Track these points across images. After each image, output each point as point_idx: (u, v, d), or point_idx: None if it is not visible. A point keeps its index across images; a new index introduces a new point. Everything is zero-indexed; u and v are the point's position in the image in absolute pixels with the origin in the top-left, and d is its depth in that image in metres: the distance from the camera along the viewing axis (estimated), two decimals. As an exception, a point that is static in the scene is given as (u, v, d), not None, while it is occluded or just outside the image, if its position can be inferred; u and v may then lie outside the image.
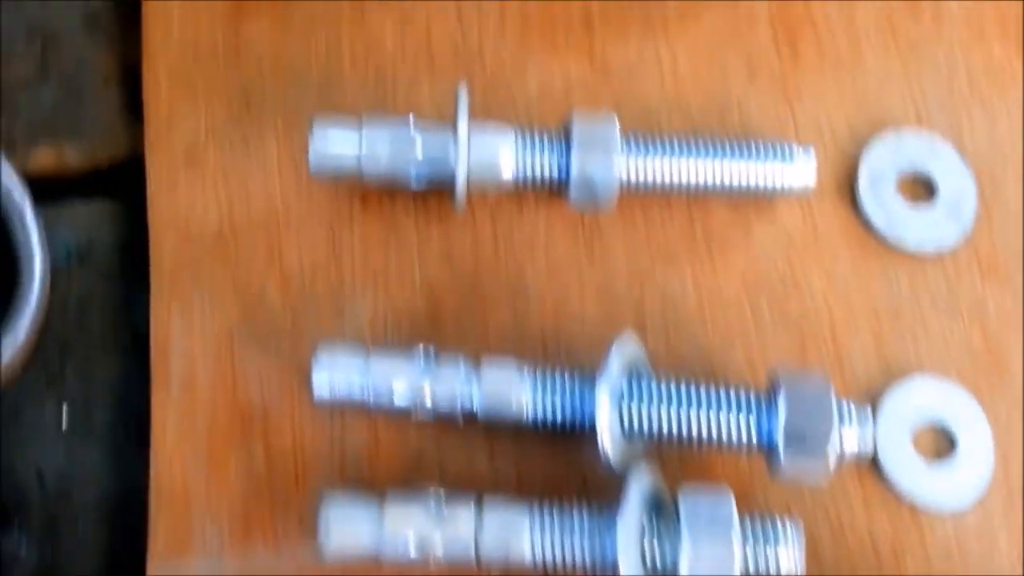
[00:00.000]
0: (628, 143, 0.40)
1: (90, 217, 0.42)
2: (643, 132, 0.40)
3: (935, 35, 0.45)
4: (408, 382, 0.36)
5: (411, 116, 0.39)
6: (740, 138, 0.42)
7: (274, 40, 0.44)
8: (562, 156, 0.39)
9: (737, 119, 0.44)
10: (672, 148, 0.40)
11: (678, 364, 0.40)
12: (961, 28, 0.45)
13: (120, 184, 0.43)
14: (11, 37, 0.44)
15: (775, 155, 0.40)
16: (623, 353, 0.36)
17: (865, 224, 0.42)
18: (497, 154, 0.39)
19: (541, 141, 0.39)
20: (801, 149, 0.41)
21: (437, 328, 0.40)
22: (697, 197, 0.42)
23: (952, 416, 0.39)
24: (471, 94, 0.40)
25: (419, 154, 0.38)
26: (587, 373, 0.37)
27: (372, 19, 0.44)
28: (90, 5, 0.45)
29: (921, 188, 0.43)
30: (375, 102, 0.43)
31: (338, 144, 0.38)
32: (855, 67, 0.44)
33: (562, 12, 0.45)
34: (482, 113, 0.42)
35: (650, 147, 0.40)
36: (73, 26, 0.45)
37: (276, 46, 0.44)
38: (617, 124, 0.39)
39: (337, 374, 0.37)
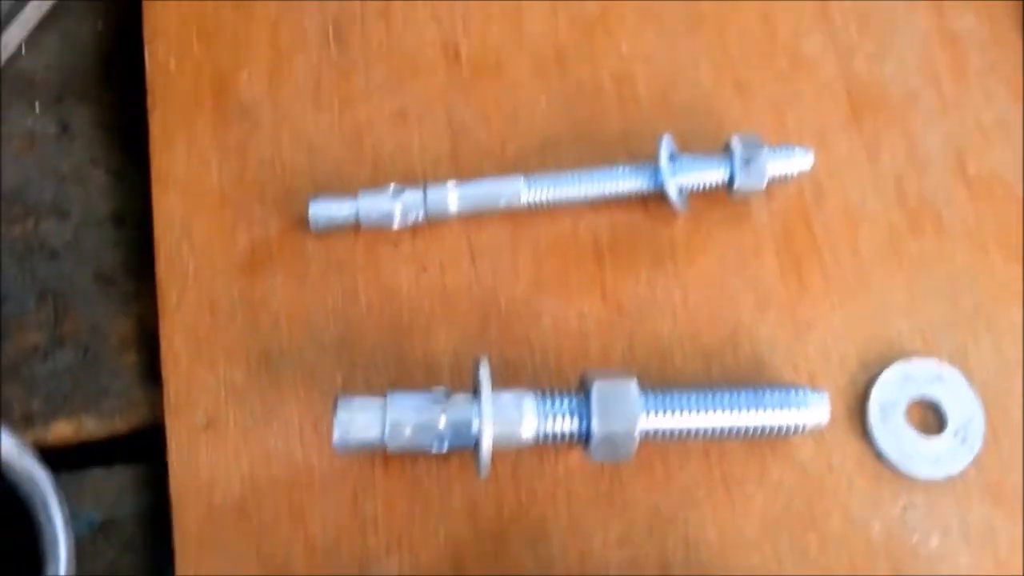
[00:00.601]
0: (647, 401, 0.40)
1: (111, 486, 0.42)
2: (661, 386, 0.41)
3: (937, 252, 0.46)
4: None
5: (432, 392, 0.39)
6: (751, 366, 0.43)
7: (290, 294, 0.44)
8: (583, 419, 0.39)
9: (748, 349, 0.44)
10: (690, 402, 0.40)
11: (704, 612, 0.40)
12: (963, 240, 0.46)
13: (140, 449, 0.43)
14: (22, 300, 0.43)
15: (790, 402, 0.41)
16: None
17: (877, 454, 0.43)
18: (519, 422, 0.39)
19: (561, 403, 0.40)
20: (815, 394, 0.41)
21: (463, 587, 0.40)
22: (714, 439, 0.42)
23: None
24: (486, 336, 0.40)
25: (442, 428, 0.39)
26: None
27: (386, 267, 0.45)
28: (102, 262, 0.44)
29: (931, 414, 0.44)
30: (393, 348, 0.43)
31: (362, 425, 0.38)
32: (861, 293, 0.45)
33: (573, 250, 0.45)
34: (498, 354, 0.43)
35: (669, 402, 0.40)
36: (85, 286, 0.44)
37: (292, 300, 0.44)
38: (636, 385, 0.40)
39: (371, 663, 0.37)
